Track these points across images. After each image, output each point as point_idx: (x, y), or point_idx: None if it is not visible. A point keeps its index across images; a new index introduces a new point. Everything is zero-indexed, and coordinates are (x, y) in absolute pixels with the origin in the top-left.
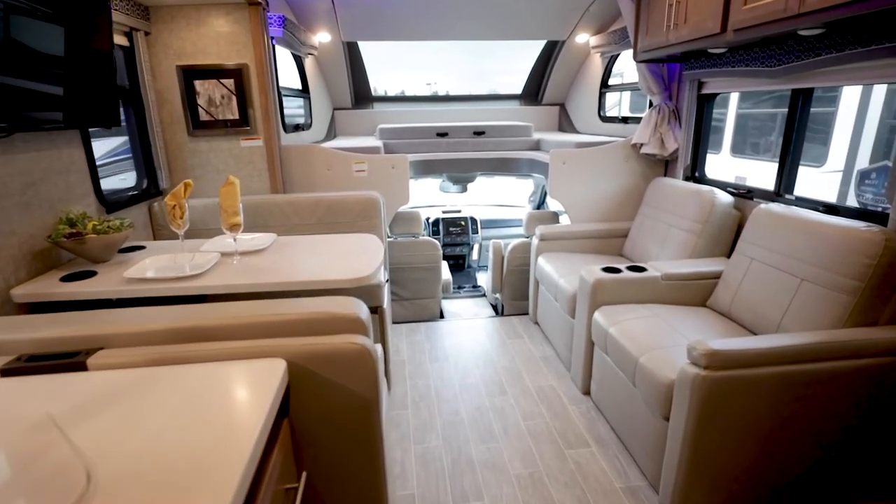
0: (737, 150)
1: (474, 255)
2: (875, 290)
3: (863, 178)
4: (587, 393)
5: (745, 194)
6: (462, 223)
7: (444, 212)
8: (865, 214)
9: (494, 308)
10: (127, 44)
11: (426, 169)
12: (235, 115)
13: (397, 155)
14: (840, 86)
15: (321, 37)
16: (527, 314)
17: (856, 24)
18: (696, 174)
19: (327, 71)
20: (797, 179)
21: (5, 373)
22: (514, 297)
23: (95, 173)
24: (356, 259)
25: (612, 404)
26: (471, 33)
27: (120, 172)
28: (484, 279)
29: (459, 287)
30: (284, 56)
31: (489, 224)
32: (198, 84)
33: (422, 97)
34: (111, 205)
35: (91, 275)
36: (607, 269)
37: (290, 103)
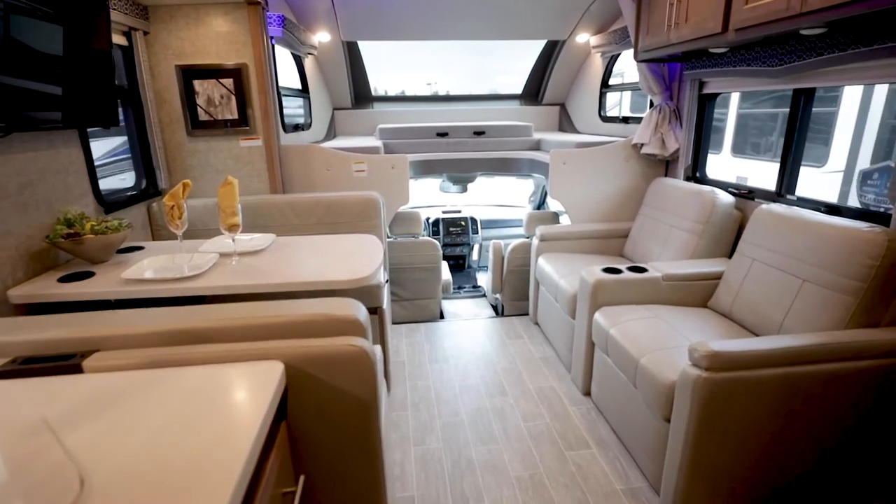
0: (737, 150)
1: (474, 256)
2: (877, 291)
3: (865, 178)
4: (588, 394)
5: (746, 195)
6: (462, 223)
7: (444, 212)
8: (868, 215)
9: (494, 308)
10: (126, 43)
11: (426, 169)
12: (235, 115)
13: (397, 155)
14: (842, 86)
15: (321, 36)
16: (527, 315)
17: (858, 23)
18: (696, 174)
19: (327, 71)
20: (798, 180)
21: (0, 375)
22: (515, 297)
23: (94, 173)
24: (355, 260)
25: (613, 405)
26: (471, 33)
27: (120, 172)
28: (484, 279)
29: (459, 287)
30: (284, 56)
31: (489, 224)
32: (197, 84)
33: (422, 97)
34: (110, 205)
35: (89, 275)
36: (608, 270)
37: (290, 103)
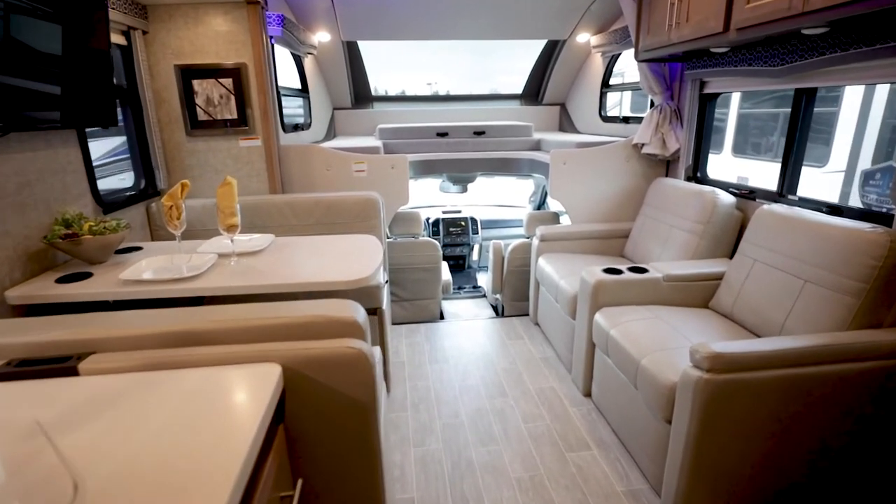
0: (738, 150)
1: (474, 256)
2: (880, 292)
3: (867, 178)
4: (588, 395)
5: (747, 195)
6: (462, 223)
7: (444, 212)
8: (870, 215)
9: (495, 309)
10: (124, 43)
11: (426, 169)
12: (234, 115)
13: (397, 155)
14: (844, 85)
15: (321, 36)
16: (527, 315)
17: (860, 22)
18: (697, 174)
19: (327, 70)
20: (800, 180)
21: None
22: (515, 297)
23: (92, 173)
24: (355, 260)
25: (614, 406)
26: (471, 33)
27: (120, 172)
28: (484, 280)
29: (459, 288)
30: (284, 55)
31: (489, 224)
32: (196, 83)
33: (422, 97)
34: (108, 205)
35: (87, 276)
36: (608, 271)
37: (290, 103)
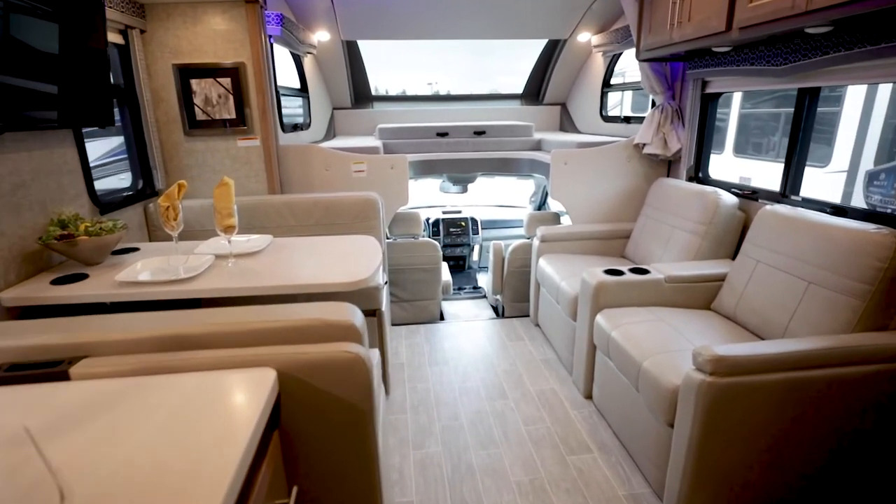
0: (740, 150)
1: (475, 256)
2: (885, 294)
3: (871, 179)
4: (589, 397)
5: (749, 195)
6: (462, 224)
7: (444, 212)
8: (874, 216)
9: (495, 310)
10: (122, 42)
11: (426, 169)
12: (232, 115)
13: (396, 155)
14: (848, 85)
15: (320, 35)
16: (528, 316)
17: (864, 21)
18: (699, 175)
19: (326, 70)
20: (803, 180)
21: None
22: (515, 298)
23: (89, 174)
24: (354, 261)
25: (615, 409)
26: (472, 32)
27: (122, 172)
28: (484, 280)
29: (460, 288)
30: (283, 55)
31: (490, 225)
32: (194, 83)
33: (422, 97)
34: (105, 205)
35: (83, 277)
36: (609, 272)
37: (290, 103)
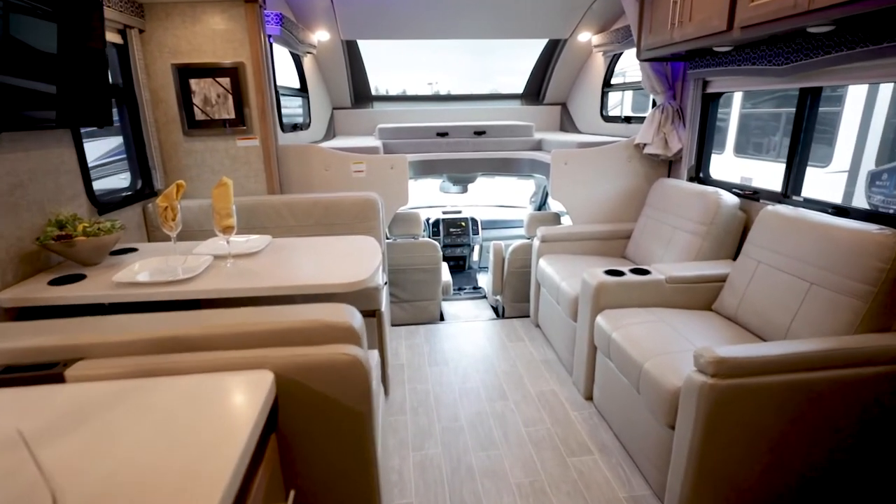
0: (740, 150)
1: (475, 257)
2: (888, 295)
3: (873, 179)
4: (590, 398)
5: (751, 195)
6: (462, 224)
7: (444, 212)
8: (877, 217)
9: (495, 310)
10: (121, 41)
11: (426, 169)
12: (231, 115)
13: (396, 155)
14: (850, 85)
15: (320, 35)
16: (528, 317)
17: (866, 20)
18: (700, 175)
19: (326, 70)
20: (804, 180)
21: None
22: (515, 299)
23: (87, 174)
24: (353, 262)
25: (616, 410)
26: (472, 32)
27: (121, 172)
28: (484, 281)
29: (460, 289)
30: (283, 55)
31: (490, 225)
32: (193, 83)
33: (422, 97)
34: (104, 206)
35: (80, 278)
36: (610, 272)
37: (290, 103)
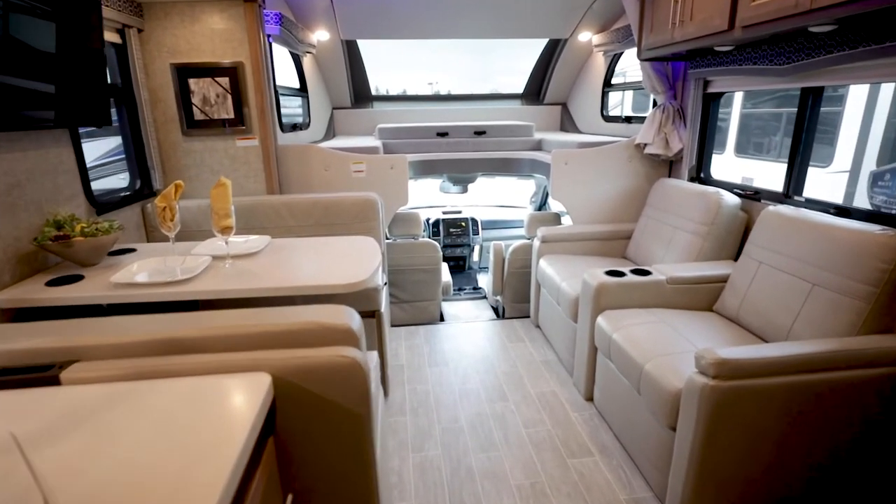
0: (741, 150)
1: (475, 257)
2: (890, 296)
3: (876, 179)
4: (590, 399)
5: (752, 196)
6: (462, 224)
7: (444, 213)
8: (879, 217)
9: (495, 310)
10: (119, 41)
11: (426, 169)
12: (231, 115)
13: (396, 155)
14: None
15: (319, 35)
16: (528, 317)
17: (869, 20)
18: (701, 175)
19: (326, 70)
20: (806, 180)
21: None
22: (516, 299)
23: (85, 174)
24: (352, 263)
25: (616, 412)
26: (472, 32)
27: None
28: (485, 281)
29: (460, 289)
30: (282, 55)
31: (490, 225)
32: (192, 82)
33: (422, 96)
34: (102, 206)
35: (78, 279)
36: (611, 273)
37: (289, 103)
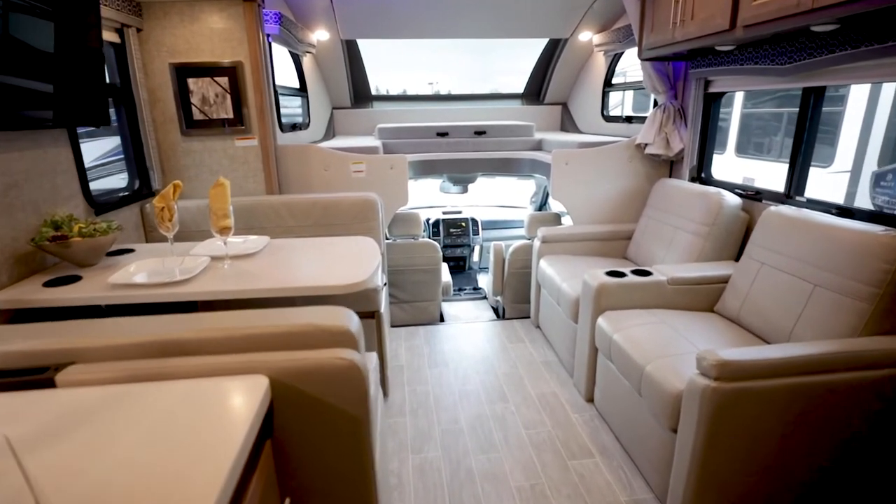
0: (741, 150)
1: (475, 257)
2: (893, 297)
3: (878, 179)
4: (590, 400)
5: (753, 196)
6: (463, 224)
7: (444, 213)
8: (882, 218)
9: (495, 311)
10: (118, 41)
11: (426, 169)
12: (230, 115)
13: (396, 155)
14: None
15: (319, 35)
16: (528, 318)
17: (871, 19)
18: (702, 175)
19: (326, 69)
20: (808, 181)
21: None
22: (516, 300)
23: (84, 174)
24: (351, 263)
25: (617, 413)
26: (472, 31)
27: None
28: (485, 281)
29: (460, 289)
30: (282, 54)
31: (490, 225)
32: (191, 82)
33: (422, 96)
34: (101, 206)
35: (76, 279)
36: (611, 273)
37: (289, 102)
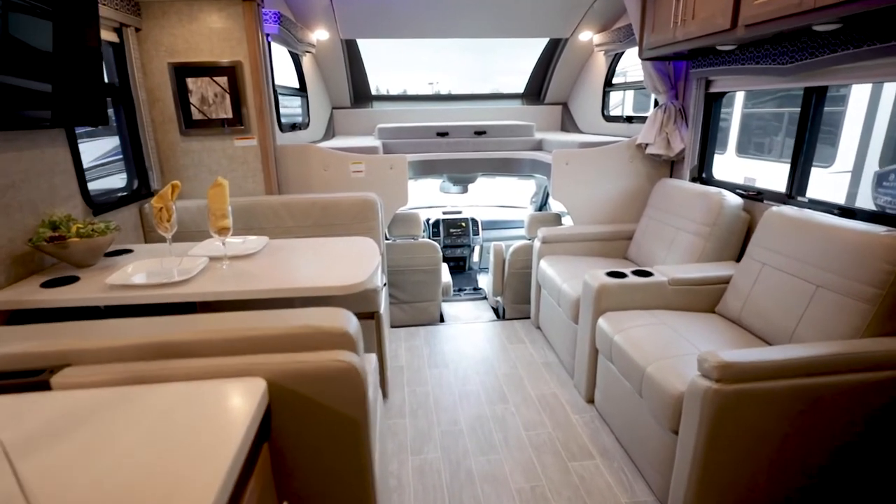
0: (742, 150)
1: (475, 257)
2: (895, 298)
3: (880, 180)
4: (591, 401)
5: (754, 196)
6: (463, 224)
7: (444, 213)
8: (884, 218)
9: (495, 311)
10: (117, 40)
11: (426, 169)
12: (229, 114)
13: (396, 155)
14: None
15: (319, 34)
16: (528, 318)
17: (874, 18)
18: (703, 175)
19: (326, 69)
20: (809, 181)
21: None
22: (516, 300)
23: (82, 174)
24: (351, 264)
25: (618, 414)
26: (472, 31)
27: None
28: (485, 282)
29: (460, 290)
30: (281, 54)
31: (490, 225)
32: (190, 82)
33: (422, 96)
34: (99, 206)
35: (73, 280)
36: (612, 274)
37: (288, 102)
